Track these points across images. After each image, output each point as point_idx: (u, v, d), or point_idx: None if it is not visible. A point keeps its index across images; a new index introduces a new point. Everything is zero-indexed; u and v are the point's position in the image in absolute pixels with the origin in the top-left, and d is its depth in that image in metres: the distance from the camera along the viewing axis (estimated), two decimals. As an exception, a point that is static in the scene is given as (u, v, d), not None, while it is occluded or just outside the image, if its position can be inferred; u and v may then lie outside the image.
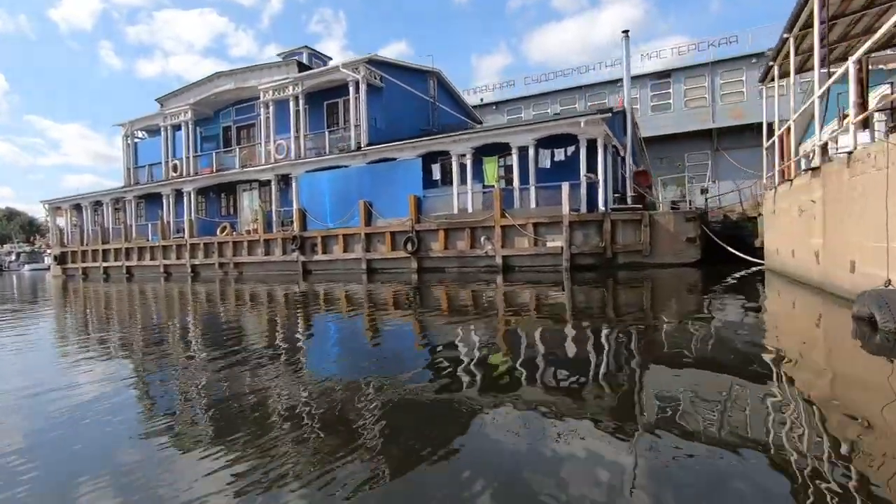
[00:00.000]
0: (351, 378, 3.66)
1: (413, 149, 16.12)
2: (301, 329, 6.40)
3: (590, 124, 13.25)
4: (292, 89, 18.43)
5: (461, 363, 3.89)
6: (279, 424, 2.68)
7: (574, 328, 5.51)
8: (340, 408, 2.92)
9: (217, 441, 2.44)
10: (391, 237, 16.07)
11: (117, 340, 5.94)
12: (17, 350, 5.52)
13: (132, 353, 5.03)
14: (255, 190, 21.25)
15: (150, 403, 3.28)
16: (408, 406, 2.90)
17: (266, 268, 18.93)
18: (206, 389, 3.49)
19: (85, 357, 4.87)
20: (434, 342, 5.18)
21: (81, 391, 3.50)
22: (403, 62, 18.81)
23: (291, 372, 3.92)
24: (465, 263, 14.96)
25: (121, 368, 4.35)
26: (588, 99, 25.05)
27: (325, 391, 3.30)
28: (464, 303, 8.29)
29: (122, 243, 23.22)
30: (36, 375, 4.18)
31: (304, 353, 4.79)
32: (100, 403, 3.18)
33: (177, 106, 21.86)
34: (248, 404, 3.08)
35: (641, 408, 2.75)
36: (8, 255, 63.40)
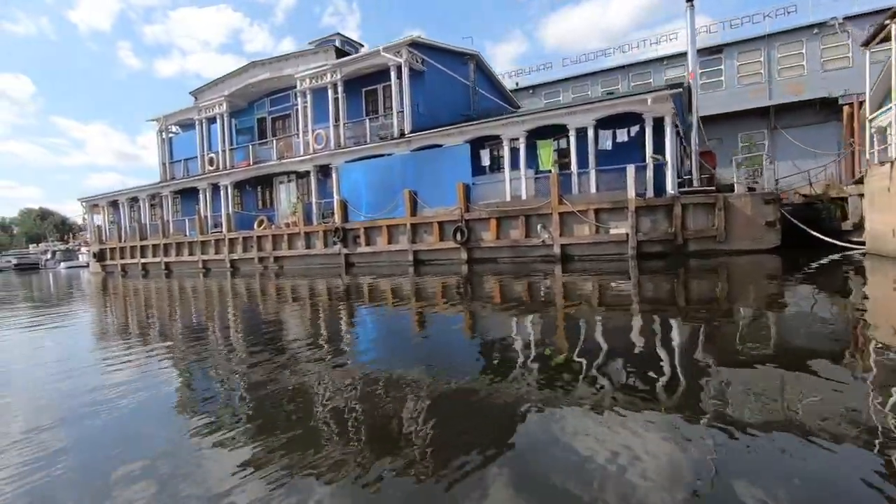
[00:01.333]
0: (398, 372, 3.46)
1: (460, 134, 15.36)
2: (345, 323, 6.21)
3: (657, 101, 12.31)
4: (330, 76, 17.80)
5: (516, 357, 3.67)
6: (321, 418, 2.61)
7: (642, 321, 5.04)
8: (385, 403, 2.80)
9: (257, 434, 2.42)
10: (439, 227, 15.41)
11: (162, 336, 5.87)
12: (67, 344, 5.69)
13: (177, 348, 4.96)
14: (293, 182, 20.81)
15: (192, 396, 3.25)
16: (457, 401, 2.74)
17: (307, 261, 18.49)
18: (249, 383, 3.41)
19: (131, 352, 4.85)
20: (486, 336, 4.89)
21: (126, 385, 3.52)
22: (444, 44, 17.99)
23: (336, 365, 3.79)
24: (519, 253, 14.22)
25: (166, 363, 4.33)
26: (631, 79, 23.84)
27: (370, 385, 3.17)
28: (519, 294, 7.81)
29: (160, 239, 23.10)
30: (86, 368, 4.27)
31: (349, 347, 4.66)
32: (142, 395, 3.23)
33: (211, 98, 21.49)
34: (290, 398, 3.01)
35: (720, 411, 2.43)
36: (44, 253, 64.98)
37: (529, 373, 3.28)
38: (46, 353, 5.21)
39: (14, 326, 7.68)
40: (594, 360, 3.49)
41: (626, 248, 12.67)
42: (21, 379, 4.15)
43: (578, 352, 3.86)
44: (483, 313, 6.19)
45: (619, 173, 12.95)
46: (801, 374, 3.03)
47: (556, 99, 25.43)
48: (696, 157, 13.68)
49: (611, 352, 3.78)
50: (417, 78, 16.95)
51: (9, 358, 5.10)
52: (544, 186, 14.28)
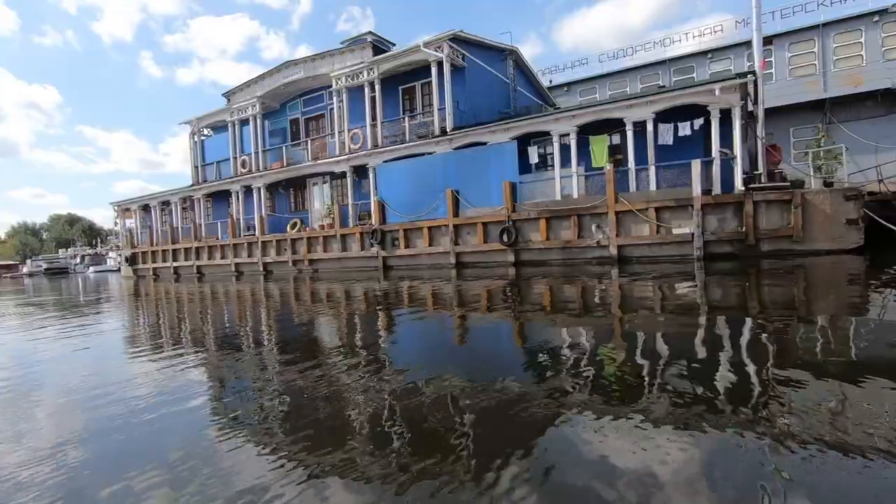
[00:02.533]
0: (437, 380, 3.28)
1: (506, 130, 14.71)
2: (383, 328, 5.97)
3: (726, 91, 11.48)
4: (367, 74, 17.33)
5: (567, 367, 3.45)
6: (356, 426, 2.56)
7: (709, 329, 4.59)
8: (423, 412, 2.69)
9: (288, 441, 2.38)
10: (483, 228, 14.76)
11: (196, 341, 5.74)
12: (97, 350, 5.62)
13: (210, 353, 4.85)
14: (327, 183, 20.40)
15: (224, 402, 3.18)
16: (500, 413, 2.58)
17: (343, 264, 18.01)
18: (282, 388, 3.36)
19: (164, 357, 4.73)
20: (535, 344, 4.56)
21: (157, 388, 3.52)
22: (484, 39, 17.38)
23: (372, 371, 3.69)
24: (571, 255, 13.47)
25: (200, 366, 4.26)
26: (673, 74, 22.91)
27: (407, 393, 3.04)
28: (571, 299, 7.32)
29: (192, 242, 22.91)
30: (117, 371, 4.27)
31: (387, 353, 4.48)
32: (172, 397, 3.22)
33: (244, 100, 21.24)
34: (325, 404, 2.94)
35: (794, 431, 2.14)
36: (73, 258, 66.26)
37: (580, 385, 3.00)
38: (82, 358, 5.12)
39: (53, 331, 7.34)
40: (653, 373, 3.18)
41: (690, 248, 11.83)
42: (57, 385, 3.97)
43: (635, 362, 3.52)
44: (531, 319, 5.77)
45: (681, 169, 12.15)
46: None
47: (593, 96, 24.62)
48: (762, 151, 12.77)
49: (672, 363, 3.41)
50: (458, 74, 16.38)
51: (53, 368, 4.69)
52: (596, 185, 13.55)
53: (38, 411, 3.22)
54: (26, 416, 3.12)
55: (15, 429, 2.87)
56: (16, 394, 3.69)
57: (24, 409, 3.28)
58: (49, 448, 2.49)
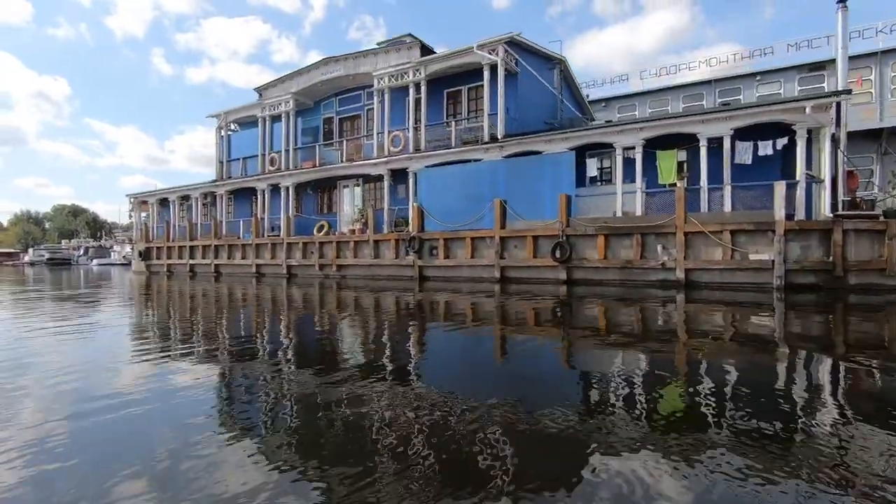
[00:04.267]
0: (471, 400, 3.11)
1: (564, 140, 13.91)
2: (414, 342, 5.62)
3: (817, 109, 10.69)
4: (413, 75, 16.60)
5: (619, 397, 3.20)
6: (374, 442, 2.42)
7: (787, 366, 4.24)
8: (452, 434, 2.50)
9: (303, 455, 2.30)
10: (533, 242, 13.86)
11: (210, 345, 5.41)
12: (101, 348, 5.29)
13: (224, 360, 4.54)
14: (359, 186, 19.56)
15: (235, 412, 3.00)
16: (541, 444, 2.38)
17: (374, 272, 17.08)
18: (299, 402, 3.15)
19: (177, 360, 4.49)
20: (585, 369, 4.29)
21: (168, 393, 3.33)
22: (536, 45, 16.70)
23: (398, 386, 3.49)
24: (631, 276, 12.57)
25: (214, 373, 4.01)
26: (718, 95, 22.26)
27: (435, 411, 2.86)
28: (630, 323, 6.78)
29: (212, 240, 21.98)
30: (123, 374, 3.97)
31: (416, 368, 4.22)
32: (181, 405, 3.06)
33: (277, 96, 20.49)
34: (343, 421, 2.75)
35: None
36: (76, 249, 65.21)
37: (632, 420, 2.75)
38: (81, 362, 4.59)
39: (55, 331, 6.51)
40: (717, 413, 2.88)
41: (769, 276, 10.93)
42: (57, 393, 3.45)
43: (697, 399, 3.19)
44: (583, 343, 5.36)
45: (759, 191, 11.32)
46: None
47: (632, 113, 23.96)
48: (844, 177, 11.96)
49: (739, 403, 3.09)
50: (510, 80, 15.64)
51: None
52: (661, 202, 12.71)
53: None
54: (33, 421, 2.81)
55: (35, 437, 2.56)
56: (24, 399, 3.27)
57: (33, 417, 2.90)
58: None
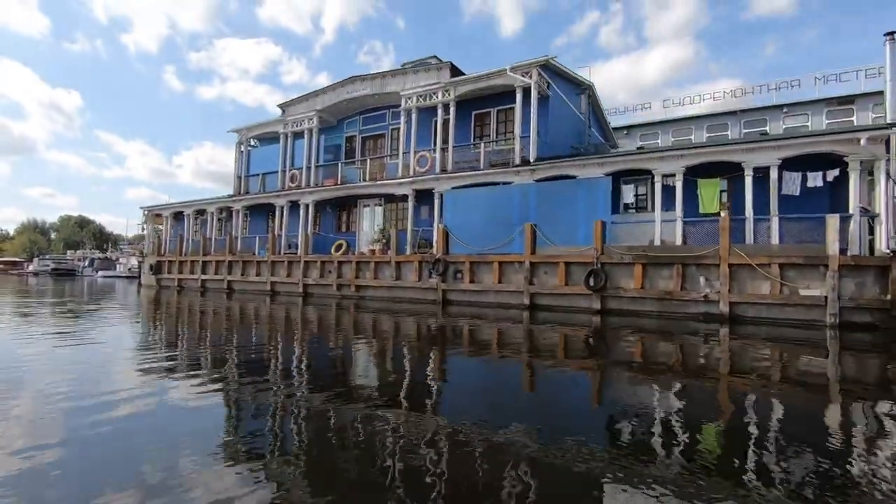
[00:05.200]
0: (492, 432, 2.94)
1: (600, 165, 13.57)
2: (435, 369, 5.46)
3: (873, 141, 10.33)
4: (442, 95, 16.41)
5: (653, 434, 3.00)
6: (389, 481, 2.25)
7: (840, 410, 4.04)
8: (471, 469, 2.40)
9: (308, 487, 2.20)
10: (565, 268, 13.37)
11: (220, 366, 5.30)
12: (107, 364, 5.30)
13: (233, 381, 4.48)
14: (380, 206, 19.20)
15: (242, 436, 2.91)
16: (567, 480, 2.27)
17: (394, 294, 16.55)
18: (309, 429, 3.07)
19: (183, 380, 4.43)
20: (617, 403, 4.11)
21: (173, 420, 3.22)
22: (567, 70, 16.55)
23: (415, 415, 3.31)
24: (670, 308, 12.02)
25: (222, 395, 3.89)
26: (744, 126, 22.08)
27: (455, 442, 2.78)
28: (668, 357, 6.62)
29: (226, 256, 21.53)
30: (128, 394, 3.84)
31: (436, 396, 4.10)
32: (183, 426, 3.05)
33: (301, 112, 20.34)
34: (354, 450, 2.65)
35: None
36: (81, 260, 64.86)
37: (667, 461, 2.54)
38: (89, 376, 4.71)
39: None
40: (761, 458, 2.71)
41: (820, 314, 10.38)
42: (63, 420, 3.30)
43: (739, 442, 3.04)
44: (617, 376, 5.19)
45: (810, 223, 10.87)
46: None
47: (655, 142, 23.77)
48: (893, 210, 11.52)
49: (786, 449, 2.90)
50: (541, 103, 15.40)
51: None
52: (702, 232, 12.26)
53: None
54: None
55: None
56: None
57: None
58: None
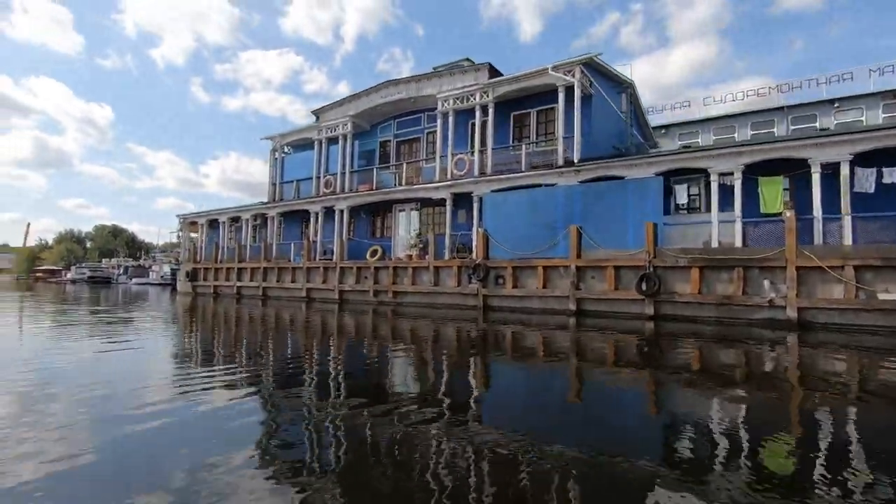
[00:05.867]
0: (537, 443, 2.83)
1: (649, 165, 13.01)
2: (476, 376, 5.34)
3: (959, 133, 9.56)
4: (480, 97, 16.09)
5: (714, 449, 2.81)
6: (428, 495, 2.14)
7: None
8: (515, 483, 2.28)
9: (344, 499, 2.12)
10: (615, 273, 12.82)
11: (266, 371, 5.35)
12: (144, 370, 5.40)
13: (277, 387, 4.53)
14: (415, 210, 18.94)
15: (277, 442, 2.91)
16: (617, 497, 2.15)
17: (432, 300, 16.22)
18: (347, 438, 2.98)
19: (221, 387, 4.42)
20: (673, 414, 3.82)
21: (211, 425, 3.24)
22: (609, 67, 16.04)
23: (455, 424, 3.20)
24: (731, 314, 11.36)
25: (259, 402, 3.89)
26: (791, 122, 21.14)
27: (497, 453, 2.66)
28: (729, 365, 6.23)
29: (261, 262, 21.57)
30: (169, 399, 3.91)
31: (477, 405, 3.91)
32: (223, 434, 3.03)
33: (334, 118, 20.29)
34: (392, 461, 2.56)
35: None
36: (116, 268, 66.59)
37: (728, 478, 2.32)
38: (127, 378, 4.93)
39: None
40: (834, 478, 2.39)
41: (903, 319, 9.63)
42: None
43: (811, 458, 2.72)
44: (673, 386, 4.89)
45: (888, 222, 10.13)
46: None
47: (695, 141, 22.97)
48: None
49: (874, 468, 2.55)
50: (584, 102, 14.92)
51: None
52: (763, 233, 11.61)
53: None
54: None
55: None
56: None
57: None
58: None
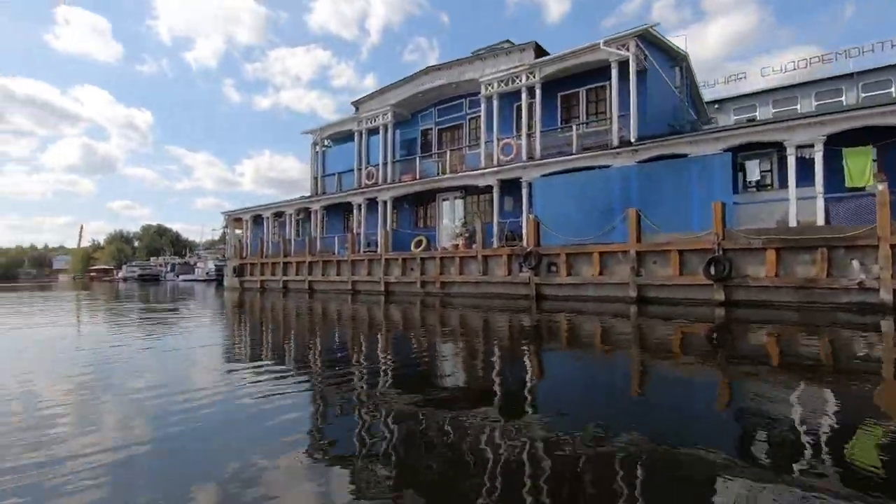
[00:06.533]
0: (598, 436, 2.68)
1: (716, 140, 12.15)
2: (531, 367, 5.13)
3: None
4: (526, 78, 15.47)
5: (795, 443, 2.59)
6: (481, 488, 2.05)
7: None
8: (575, 472, 2.20)
9: (394, 492, 2.06)
10: (679, 257, 12.10)
11: (317, 363, 5.40)
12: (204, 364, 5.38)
13: (317, 375, 4.61)
14: (459, 199, 18.56)
15: (327, 429, 3.02)
16: (686, 491, 2.03)
17: (482, 290, 15.85)
18: (397, 431, 2.92)
19: (275, 378, 4.45)
20: (748, 408, 3.39)
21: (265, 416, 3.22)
22: (664, 39, 15.11)
23: (510, 416, 3.09)
24: (812, 298, 10.51)
25: (309, 393, 3.94)
26: (861, 89, 19.53)
27: (554, 445, 2.55)
28: (814, 355, 5.66)
29: (306, 256, 21.71)
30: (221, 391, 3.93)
31: (532, 396, 3.77)
32: (270, 421, 3.08)
33: (374, 109, 20.06)
34: (443, 456, 2.47)
35: None
36: (163, 266, 69.32)
37: (811, 470, 2.19)
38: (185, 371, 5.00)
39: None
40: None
41: None
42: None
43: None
44: (747, 375, 4.47)
45: None
46: None
47: (752, 114, 21.58)
48: None
49: None
50: (639, 78, 14.10)
51: None
52: (846, 210, 10.63)
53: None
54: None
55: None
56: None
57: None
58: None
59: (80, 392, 4.03)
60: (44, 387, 4.27)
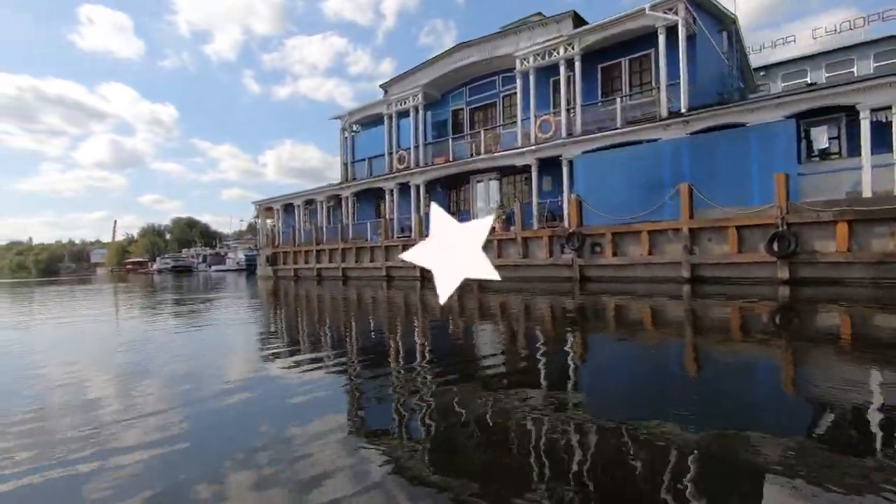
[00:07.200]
0: (649, 423, 2.47)
1: (777, 107, 11.31)
2: (576, 352, 4.75)
3: None
4: (564, 50, 14.73)
5: (867, 424, 2.43)
6: (524, 475, 1.98)
7: None
8: (625, 462, 2.06)
9: (432, 475, 2.01)
10: (737, 233, 11.40)
11: (356, 349, 5.24)
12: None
13: (364, 363, 4.47)
14: (494, 180, 18.03)
15: (365, 414, 2.96)
16: (746, 482, 1.85)
17: (522, 273, 15.40)
18: (432, 408, 2.90)
19: (312, 363, 4.38)
20: (820, 389, 3.15)
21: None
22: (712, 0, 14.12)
23: (555, 404, 2.89)
24: (891, 273, 9.74)
25: (346, 377, 3.91)
26: (926, 48, 18.05)
27: (603, 434, 2.40)
28: (889, 334, 5.27)
29: (339, 244, 21.59)
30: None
31: (579, 383, 3.55)
32: (309, 405, 3.05)
33: (404, 90, 19.58)
34: (484, 442, 2.39)
35: None
36: (195, 257, 70.82)
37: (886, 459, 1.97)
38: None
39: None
40: None
41: None
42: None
43: None
44: (817, 358, 4.12)
45: None
46: None
47: (803, 80, 20.27)
48: None
49: None
50: (689, 44, 13.22)
51: None
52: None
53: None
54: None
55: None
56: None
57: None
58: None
59: (131, 379, 4.06)
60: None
